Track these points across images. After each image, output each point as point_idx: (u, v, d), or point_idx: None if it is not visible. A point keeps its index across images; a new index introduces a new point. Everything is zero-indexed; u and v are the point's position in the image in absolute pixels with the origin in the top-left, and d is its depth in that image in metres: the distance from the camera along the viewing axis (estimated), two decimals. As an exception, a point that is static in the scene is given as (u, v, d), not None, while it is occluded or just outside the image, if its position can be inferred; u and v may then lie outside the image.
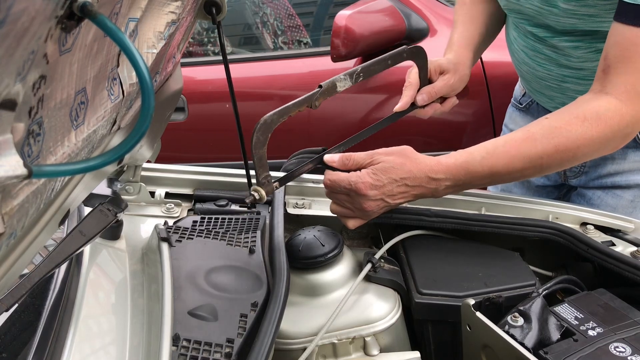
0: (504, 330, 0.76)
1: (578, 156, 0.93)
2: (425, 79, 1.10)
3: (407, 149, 0.92)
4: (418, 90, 1.10)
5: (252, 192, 0.83)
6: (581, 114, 0.92)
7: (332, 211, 0.95)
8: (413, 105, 1.10)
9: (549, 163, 0.92)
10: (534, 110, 1.35)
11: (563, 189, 1.41)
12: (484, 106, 2.25)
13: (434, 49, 1.48)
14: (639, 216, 1.17)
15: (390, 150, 0.91)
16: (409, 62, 1.06)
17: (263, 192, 0.82)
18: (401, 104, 1.08)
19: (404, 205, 1.02)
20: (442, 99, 1.16)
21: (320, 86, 0.87)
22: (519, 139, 0.92)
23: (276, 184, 0.86)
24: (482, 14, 1.26)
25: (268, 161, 0.82)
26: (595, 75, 0.97)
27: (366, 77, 0.94)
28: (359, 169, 0.90)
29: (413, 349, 0.88)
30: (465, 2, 1.30)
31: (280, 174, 0.91)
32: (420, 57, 1.06)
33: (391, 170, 0.89)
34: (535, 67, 1.20)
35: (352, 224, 0.94)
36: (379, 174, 0.88)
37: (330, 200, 0.96)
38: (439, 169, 0.90)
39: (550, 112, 1.06)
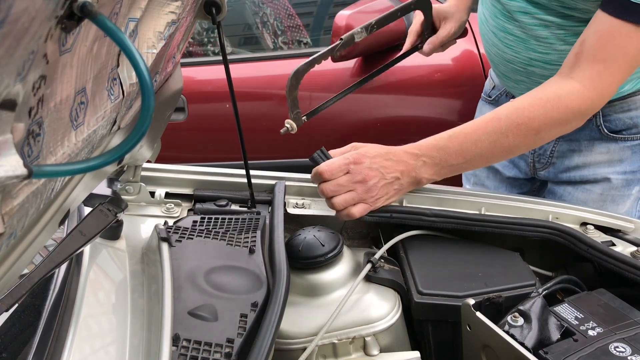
0: (504, 330, 0.76)
1: (541, 135, 0.99)
2: (429, 26, 1.31)
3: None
4: (421, 35, 1.31)
5: (286, 125, 0.99)
6: (544, 96, 0.98)
7: (334, 204, 0.95)
8: (415, 48, 1.33)
9: (515, 142, 0.98)
10: (502, 102, 1.38)
11: (535, 184, 1.43)
12: (483, 106, 2.25)
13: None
14: (609, 209, 1.19)
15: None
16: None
17: (294, 125, 0.99)
18: (405, 48, 1.31)
19: (404, 205, 1.02)
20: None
21: (341, 39, 1.03)
22: (485, 119, 0.99)
23: (304, 117, 1.01)
24: None
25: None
26: (566, 58, 1.01)
27: (379, 28, 1.09)
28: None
29: (413, 349, 0.88)
30: None
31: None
32: (427, 7, 1.27)
33: (375, 147, 0.97)
34: (503, 49, 1.22)
35: (357, 210, 0.94)
36: (367, 149, 0.96)
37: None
38: (412, 146, 0.98)
39: None
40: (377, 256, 0.92)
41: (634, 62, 0.97)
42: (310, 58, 0.98)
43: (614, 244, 0.98)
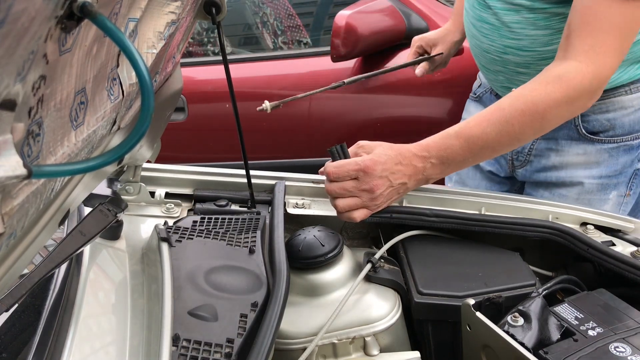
0: (504, 330, 0.76)
1: (548, 118, 0.99)
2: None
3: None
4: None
5: (264, 104, 1.10)
6: (544, 80, 0.99)
7: (337, 206, 0.95)
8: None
9: (521, 129, 0.98)
10: (486, 99, 1.40)
11: (515, 185, 1.44)
12: (484, 106, 2.25)
13: (434, 49, 1.50)
14: None
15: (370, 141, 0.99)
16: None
17: (269, 108, 1.10)
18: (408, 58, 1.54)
19: (404, 205, 1.02)
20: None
21: (344, 82, 1.20)
22: (489, 111, 0.99)
23: (280, 105, 1.12)
24: None
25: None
26: (559, 44, 1.03)
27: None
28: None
29: (413, 349, 0.88)
30: None
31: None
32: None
33: (385, 149, 0.95)
34: (481, 38, 1.24)
35: (358, 215, 0.95)
36: (378, 153, 0.94)
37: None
38: (421, 148, 0.97)
39: (500, 96, 1.18)
40: (377, 256, 0.92)
41: (624, 31, 0.98)
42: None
43: (614, 244, 0.98)
